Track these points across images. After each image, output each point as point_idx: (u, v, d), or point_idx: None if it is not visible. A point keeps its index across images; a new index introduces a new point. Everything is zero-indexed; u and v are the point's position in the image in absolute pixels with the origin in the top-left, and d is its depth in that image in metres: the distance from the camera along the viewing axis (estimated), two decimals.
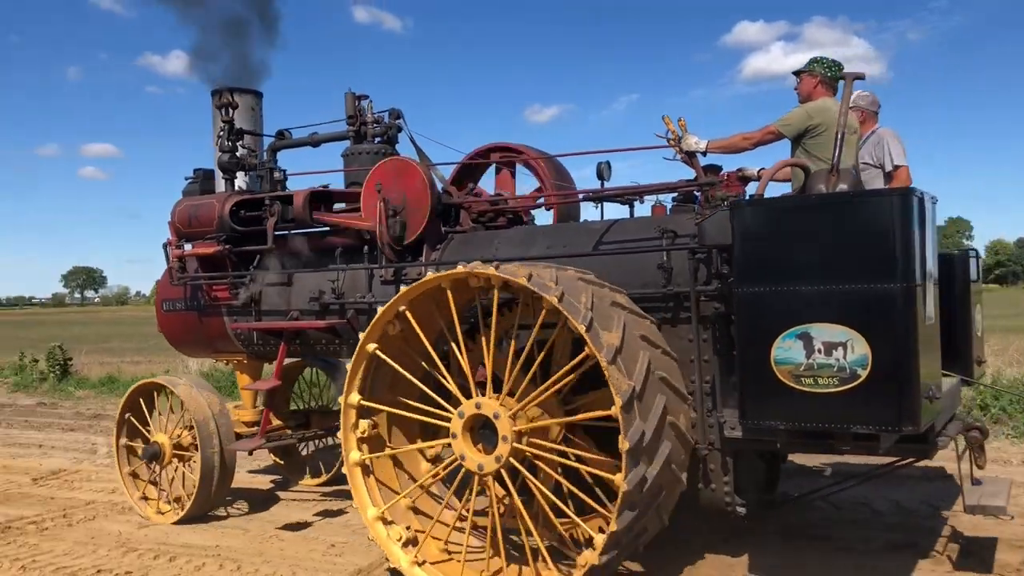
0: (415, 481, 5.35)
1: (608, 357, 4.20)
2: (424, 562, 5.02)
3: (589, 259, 5.33)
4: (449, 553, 5.17)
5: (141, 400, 6.99)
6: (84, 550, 6.07)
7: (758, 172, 5.46)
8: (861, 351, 3.96)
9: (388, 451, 5.31)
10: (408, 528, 5.15)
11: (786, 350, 4.13)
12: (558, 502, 4.59)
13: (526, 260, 5.35)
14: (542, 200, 6.84)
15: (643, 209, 6.08)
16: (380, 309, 5.04)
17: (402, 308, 4.95)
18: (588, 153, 6.29)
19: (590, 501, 4.70)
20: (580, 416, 4.66)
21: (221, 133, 7.04)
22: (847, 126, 5.23)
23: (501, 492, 4.88)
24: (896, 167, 5.55)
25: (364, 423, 5.21)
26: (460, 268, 4.74)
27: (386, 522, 5.14)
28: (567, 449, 4.71)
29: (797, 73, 5.37)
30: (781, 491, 6.29)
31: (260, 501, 7.35)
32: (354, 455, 5.19)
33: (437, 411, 4.94)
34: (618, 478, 4.28)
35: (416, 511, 5.31)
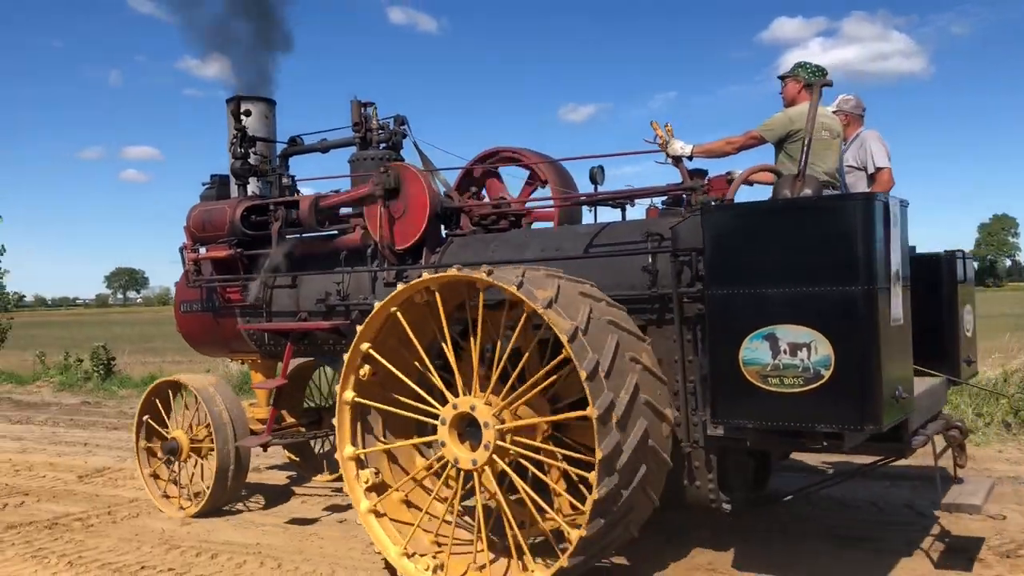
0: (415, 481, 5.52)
1: (569, 334, 4.36)
2: (414, 554, 5.18)
3: (580, 262, 5.47)
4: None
5: (158, 400, 7.25)
6: (128, 547, 6.19)
7: (748, 176, 5.58)
8: (824, 352, 4.07)
9: (396, 492, 5.49)
10: (377, 473, 5.39)
11: (753, 351, 4.25)
12: (539, 500, 4.73)
13: (517, 263, 5.51)
14: (546, 203, 6.97)
15: (639, 212, 6.22)
16: (377, 305, 5.21)
17: (393, 309, 5.14)
18: (586, 157, 6.45)
19: (572, 499, 4.86)
20: (559, 418, 4.81)
21: (234, 140, 7.29)
22: (830, 130, 5.34)
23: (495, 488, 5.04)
24: (878, 169, 5.63)
25: (365, 473, 5.41)
26: (453, 270, 4.92)
27: (409, 556, 5.26)
28: (548, 447, 4.86)
29: (782, 78, 5.47)
30: (774, 488, 6.38)
31: (297, 499, 7.53)
32: (348, 449, 5.38)
33: (426, 408, 5.12)
34: (592, 476, 4.42)
35: (410, 504, 5.47)
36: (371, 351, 5.25)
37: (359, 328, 5.28)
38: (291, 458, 8.52)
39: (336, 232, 6.93)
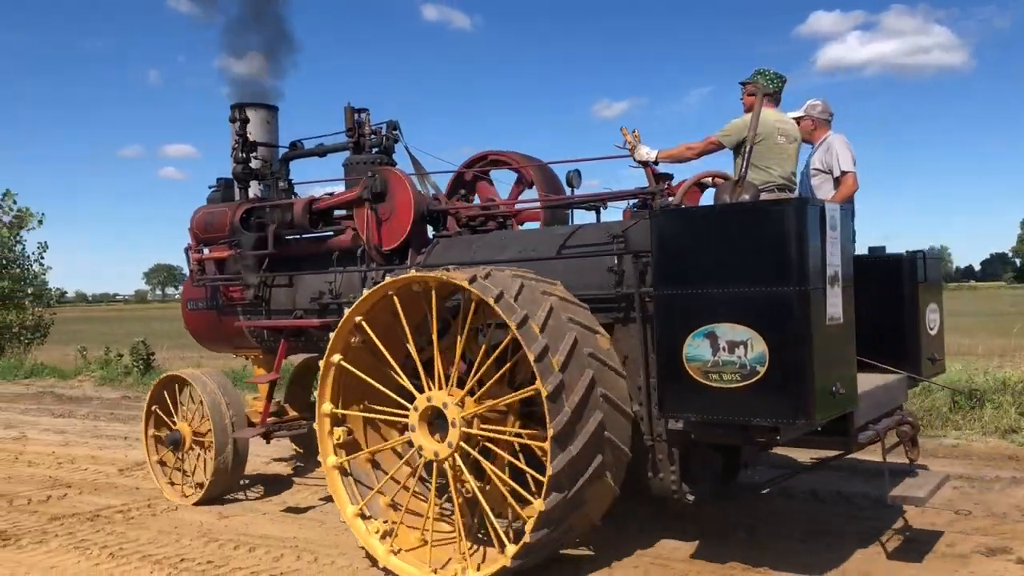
0: (395, 481, 5.80)
1: (518, 321, 4.62)
2: (400, 551, 5.46)
3: (552, 262, 5.72)
4: (424, 541, 5.57)
5: (166, 392, 7.60)
6: (167, 539, 6.29)
7: (712, 179, 5.79)
8: (759, 349, 4.28)
9: (365, 452, 5.78)
10: (385, 522, 5.59)
11: (695, 348, 4.47)
12: (515, 485, 4.98)
13: (496, 263, 5.76)
14: (533, 205, 7.21)
15: (619, 214, 6.43)
16: (346, 311, 5.50)
17: (359, 319, 5.42)
18: (566, 161, 6.68)
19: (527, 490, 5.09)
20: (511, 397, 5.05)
21: (235, 146, 7.62)
22: (787, 135, 5.52)
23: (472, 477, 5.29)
24: (843, 173, 5.78)
25: (339, 430, 5.69)
26: (411, 274, 5.19)
27: (364, 517, 5.59)
28: (508, 431, 5.10)
29: (743, 84, 5.65)
30: (751, 482, 6.58)
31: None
32: (331, 459, 5.68)
33: (398, 410, 5.40)
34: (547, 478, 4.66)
35: (395, 507, 5.73)
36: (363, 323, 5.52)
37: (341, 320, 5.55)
38: (297, 450, 8.85)
39: (331, 233, 7.22)
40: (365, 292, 5.45)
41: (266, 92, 8.02)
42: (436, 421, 5.23)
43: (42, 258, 25.33)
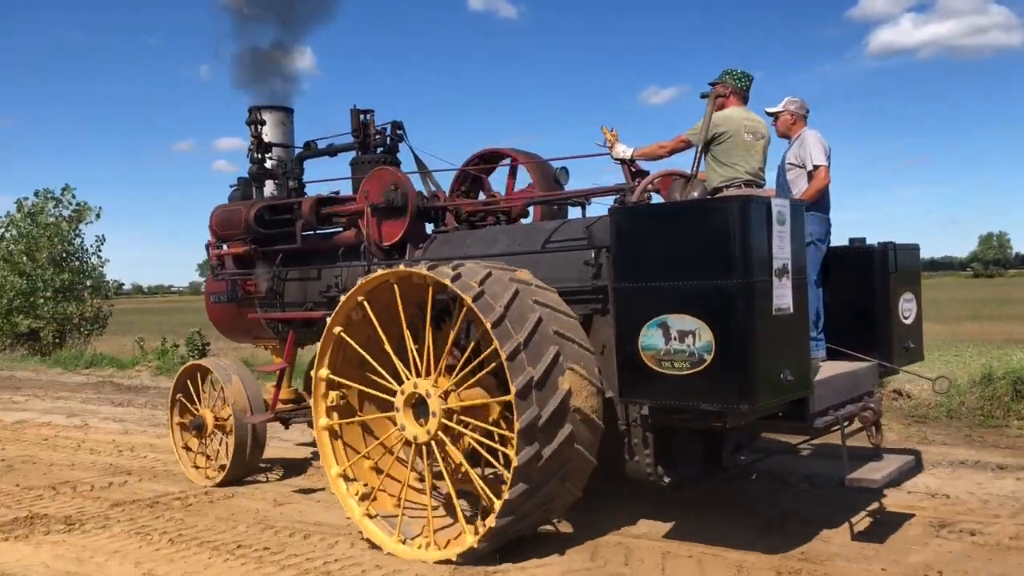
0: (384, 447, 6.16)
1: (493, 321, 4.91)
2: (376, 515, 5.82)
3: (536, 256, 6.01)
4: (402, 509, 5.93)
5: (188, 381, 8.07)
6: (225, 526, 6.39)
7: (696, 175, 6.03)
8: (706, 338, 4.54)
9: (356, 418, 6.15)
10: (366, 485, 5.97)
11: (650, 337, 4.74)
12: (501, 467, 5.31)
13: (487, 257, 6.07)
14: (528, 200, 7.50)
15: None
16: (342, 297, 5.87)
17: (360, 298, 5.78)
18: (555, 159, 6.97)
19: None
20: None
21: (251, 147, 8.04)
22: (754, 132, 5.74)
23: (457, 459, 5.62)
24: (815, 166, 5.95)
25: (334, 394, 6.05)
26: (401, 268, 5.53)
27: (347, 479, 5.99)
28: (484, 425, 5.42)
29: (712, 84, 5.87)
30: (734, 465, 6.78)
31: None
32: (323, 420, 6.05)
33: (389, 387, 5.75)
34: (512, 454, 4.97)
35: (379, 471, 6.09)
36: (342, 335, 5.89)
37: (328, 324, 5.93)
38: None
39: (340, 229, 7.59)
40: (361, 280, 5.78)
41: (280, 93, 8.42)
42: (420, 407, 5.57)
43: (100, 251, 26.04)
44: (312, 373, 6.16)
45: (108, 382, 17.04)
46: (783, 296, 4.72)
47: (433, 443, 5.43)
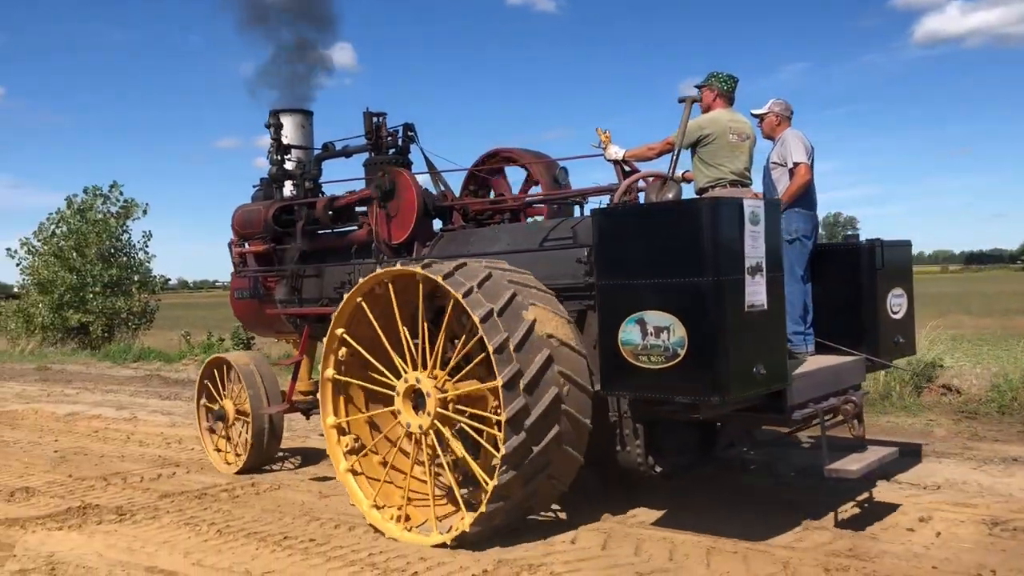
0: (389, 440, 6.44)
1: (481, 316, 5.15)
2: (383, 506, 6.11)
3: (534, 254, 6.25)
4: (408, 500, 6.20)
5: (215, 371, 8.44)
6: (271, 517, 6.48)
7: (683, 175, 6.22)
8: (680, 334, 4.74)
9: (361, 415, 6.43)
10: (357, 439, 6.34)
11: (628, 333, 4.95)
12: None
13: (488, 255, 6.31)
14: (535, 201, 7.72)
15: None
16: (345, 296, 6.15)
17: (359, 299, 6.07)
18: (575, 158, 7.19)
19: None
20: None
21: (270, 149, 8.37)
22: (739, 133, 5.91)
23: (453, 446, 5.85)
24: (795, 164, 6.11)
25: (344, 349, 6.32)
26: (399, 267, 5.80)
27: (356, 474, 6.28)
28: (483, 413, 5.67)
29: (699, 87, 6.05)
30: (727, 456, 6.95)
31: None
32: (331, 419, 6.35)
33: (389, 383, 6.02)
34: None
35: (385, 464, 6.37)
36: (346, 336, 6.18)
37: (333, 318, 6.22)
38: None
39: (354, 228, 7.89)
40: (361, 280, 6.06)
41: (300, 97, 8.74)
42: (418, 399, 5.84)
43: (147, 246, 26.61)
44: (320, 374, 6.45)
45: (156, 376, 17.44)
46: (757, 293, 4.89)
47: (431, 432, 5.70)
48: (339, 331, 6.24)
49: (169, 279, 31.21)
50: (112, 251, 25.61)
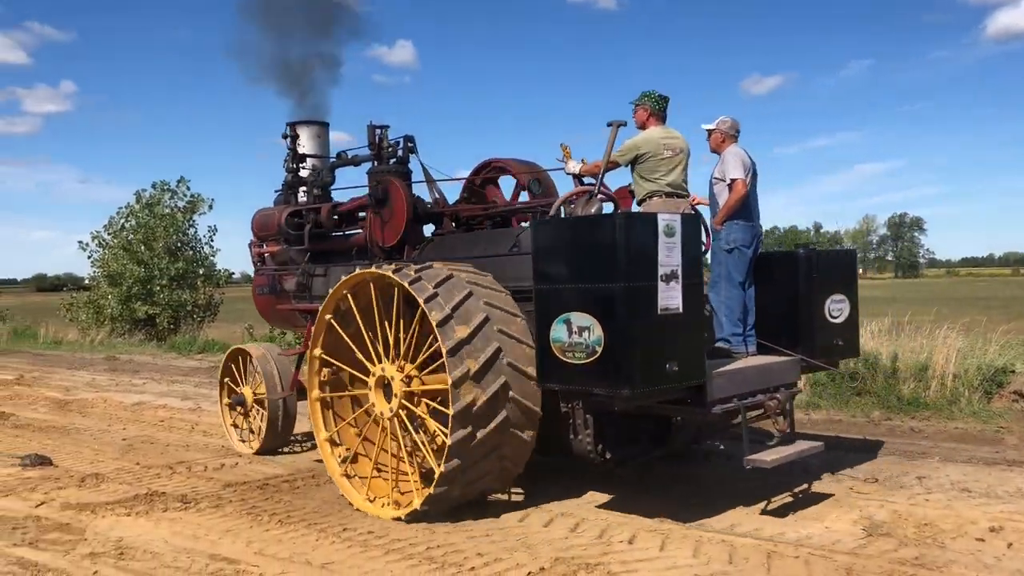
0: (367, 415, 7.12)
1: (438, 321, 5.78)
2: (354, 476, 6.82)
3: (504, 259, 6.86)
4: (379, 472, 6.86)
5: (236, 361, 9.26)
6: (331, 509, 6.63)
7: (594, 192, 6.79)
8: (598, 333, 5.34)
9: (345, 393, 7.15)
10: (348, 449, 7.00)
11: (557, 331, 5.56)
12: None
13: (466, 259, 6.93)
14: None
15: None
16: (331, 290, 6.88)
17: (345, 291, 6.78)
18: (547, 170, 7.80)
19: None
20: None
21: (287, 158, 9.16)
22: (673, 148, 6.48)
23: (433, 427, 6.49)
24: (732, 180, 6.63)
25: (326, 371, 7.06)
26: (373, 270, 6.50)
27: (334, 443, 7.03)
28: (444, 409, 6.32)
29: (633, 104, 6.62)
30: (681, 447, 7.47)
31: None
32: (316, 393, 7.08)
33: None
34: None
35: (366, 439, 7.04)
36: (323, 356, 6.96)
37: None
38: None
39: (358, 231, 8.62)
40: (344, 277, 6.77)
41: (316, 110, 9.51)
42: (388, 388, 6.53)
43: (212, 241, 27.53)
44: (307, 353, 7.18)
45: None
46: (671, 298, 5.45)
47: (396, 419, 6.38)
48: (317, 352, 6.98)
49: (233, 273, 32.17)
50: (179, 245, 26.48)
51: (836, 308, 6.82)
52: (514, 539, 5.72)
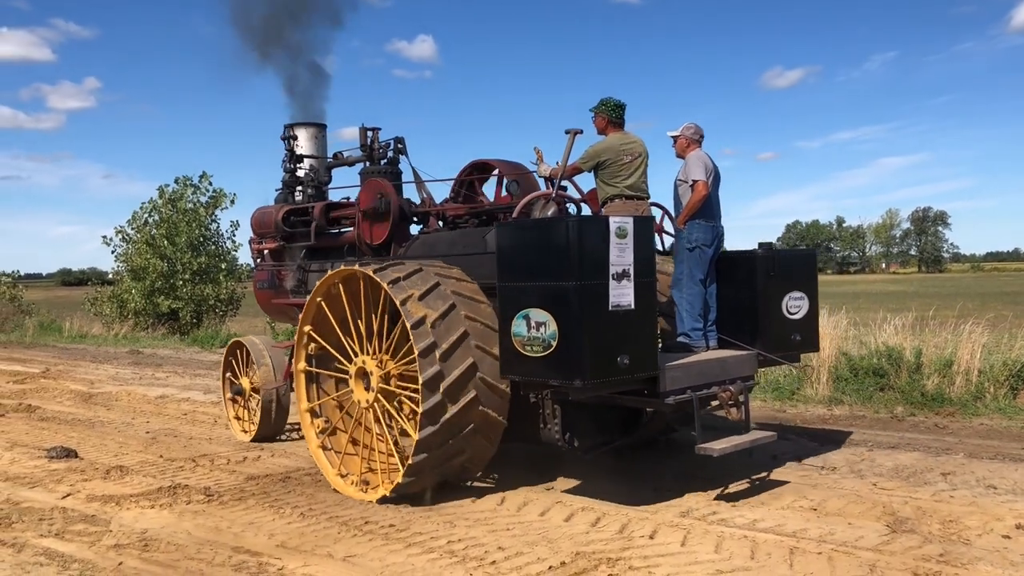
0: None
1: (413, 323, 6.16)
2: (330, 448, 7.22)
3: (479, 256, 7.20)
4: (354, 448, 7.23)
5: (235, 353, 9.70)
6: (352, 502, 6.68)
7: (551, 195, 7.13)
8: (553, 328, 5.70)
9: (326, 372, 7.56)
10: (327, 421, 7.42)
11: (517, 326, 5.93)
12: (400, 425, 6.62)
13: (447, 256, 7.30)
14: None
15: None
16: (314, 289, 7.28)
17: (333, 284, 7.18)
18: (524, 174, 8.14)
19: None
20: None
21: (285, 159, 9.58)
22: (631, 153, 6.83)
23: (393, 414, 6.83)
24: (694, 182, 6.95)
25: (312, 346, 7.46)
26: (356, 267, 6.89)
27: (314, 415, 7.45)
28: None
29: (592, 111, 6.97)
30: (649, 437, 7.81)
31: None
32: (301, 364, 7.52)
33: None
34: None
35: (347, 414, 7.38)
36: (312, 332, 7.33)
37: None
38: None
39: (349, 229, 9.02)
40: (329, 273, 7.17)
41: (314, 111, 9.92)
42: (367, 378, 6.92)
43: (234, 236, 27.61)
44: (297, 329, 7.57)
45: None
46: (623, 295, 5.79)
47: (375, 405, 6.76)
48: (307, 328, 7.36)
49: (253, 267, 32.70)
50: (201, 240, 26.67)
51: (794, 305, 7.13)
52: (535, 533, 5.75)
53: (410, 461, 6.29)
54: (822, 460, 7.58)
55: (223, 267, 27.29)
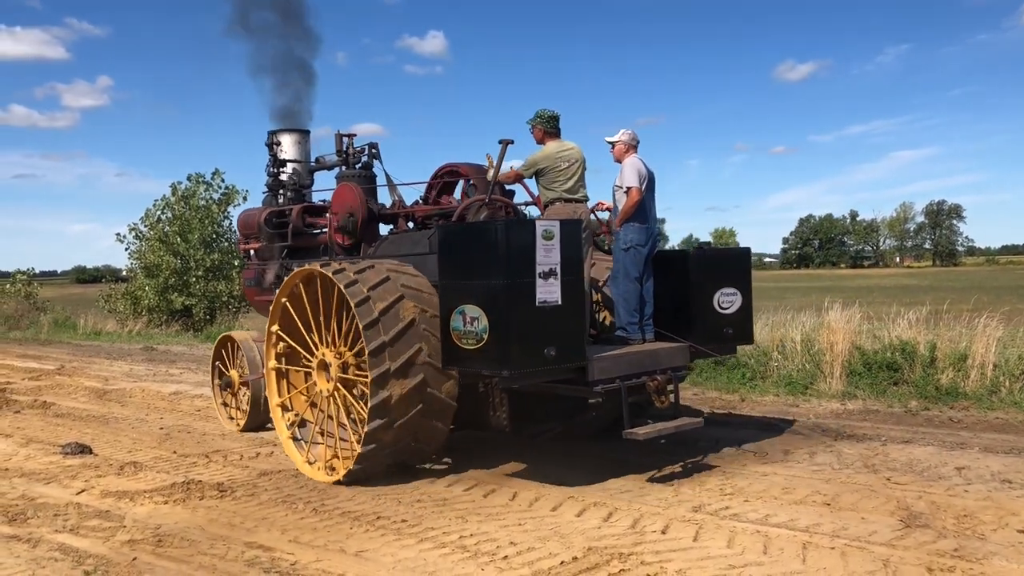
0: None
1: (359, 311, 6.73)
2: (315, 462, 7.76)
3: (427, 257, 7.67)
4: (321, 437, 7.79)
5: (225, 346, 10.32)
6: (364, 497, 6.72)
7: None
8: (484, 323, 6.25)
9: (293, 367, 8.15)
10: (297, 415, 8.00)
11: (455, 321, 6.48)
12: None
13: (410, 255, 7.85)
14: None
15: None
16: (279, 290, 7.87)
17: (298, 281, 7.77)
18: (481, 178, 8.68)
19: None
20: None
21: (268, 163, 10.19)
22: (568, 159, 7.35)
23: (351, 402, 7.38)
24: (628, 188, 7.47)
25: (281, 345, 8.03)
26: (314, 266, 7.47)
27: (284, 408, 8.03)
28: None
29: (529, 122, 7.51)
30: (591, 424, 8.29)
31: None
32: (272, 363, 8.10)
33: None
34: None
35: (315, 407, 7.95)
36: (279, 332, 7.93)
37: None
38: None
39: (325, 230, 9.61)
40: (296, 270, 7.76)
41: (298, 117, 10.52)
42: (327, 369, 7.50)
43: None
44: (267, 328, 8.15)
45: None
46: (550, 292, 6.33)
47: (335, 394, 7.34)
48: (274, 328, 7.95)
49: None
50: (214, 236, 27.03)
51: (726, 300, 7.64)
52: (547, 528, 5.78)
53: (359, 450, 6.82)
54: (835, 455, 7.67)
55: (236, 264, 26.99)
